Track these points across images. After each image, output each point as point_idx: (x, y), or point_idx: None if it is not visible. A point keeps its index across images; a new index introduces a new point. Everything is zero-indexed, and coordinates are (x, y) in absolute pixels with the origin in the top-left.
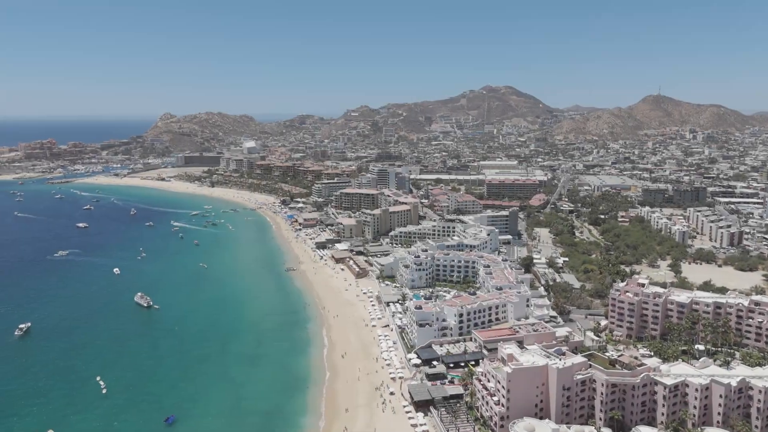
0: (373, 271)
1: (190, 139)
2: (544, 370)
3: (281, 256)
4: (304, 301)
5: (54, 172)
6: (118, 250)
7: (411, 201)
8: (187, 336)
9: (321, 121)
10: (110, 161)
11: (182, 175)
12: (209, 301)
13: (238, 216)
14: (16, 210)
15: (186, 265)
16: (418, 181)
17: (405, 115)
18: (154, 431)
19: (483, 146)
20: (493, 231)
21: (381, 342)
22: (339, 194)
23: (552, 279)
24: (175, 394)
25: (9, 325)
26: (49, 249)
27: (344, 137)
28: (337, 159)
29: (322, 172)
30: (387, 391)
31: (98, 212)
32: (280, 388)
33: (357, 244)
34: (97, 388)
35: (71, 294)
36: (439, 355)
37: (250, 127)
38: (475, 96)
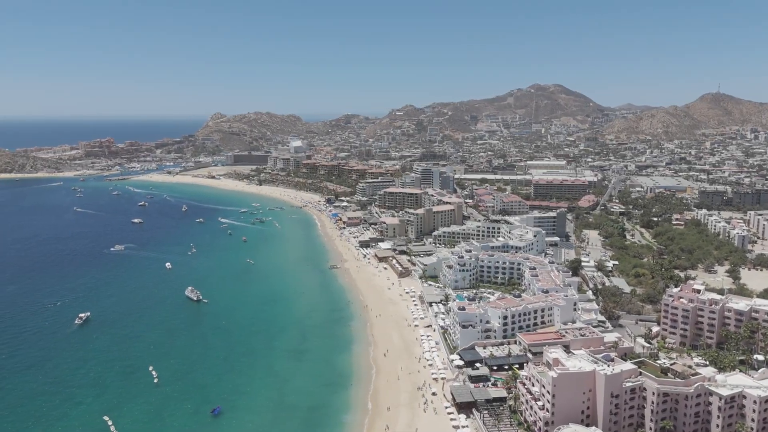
0: (416, 270)
1: (239, 138)
2: (591, 376)
3: (325, 254)
4: (347, 299)
5: (111, 169)
6: (170, 245)
7: (455, 201)
8: (235, 330)
9: (366, 121)
10: (164, 159)
11: (231, 174)
12: (256, 296)
13: (284, 214)
14: (75, 205)
15: (234, 261)
16: (463, 180)
17: (450, 115)
18: (201, 422)
19: (530, 146)
20: (539, 232)
21: (423, 342)
22: (383, 193)
23: (601, 283)
24: (221, 386)
25: (70, 315)
26: (106, 243)
27: (389, 137)
28: (382, 158)
29: (366, 171)
30: (429, 391)
31: (152, 208)
32: (323, 384)
33: (400, 244)
34: (150, 377)
35: (126, 286)
36: (483, 357)
37: (297, 126)
38: (523, 95)
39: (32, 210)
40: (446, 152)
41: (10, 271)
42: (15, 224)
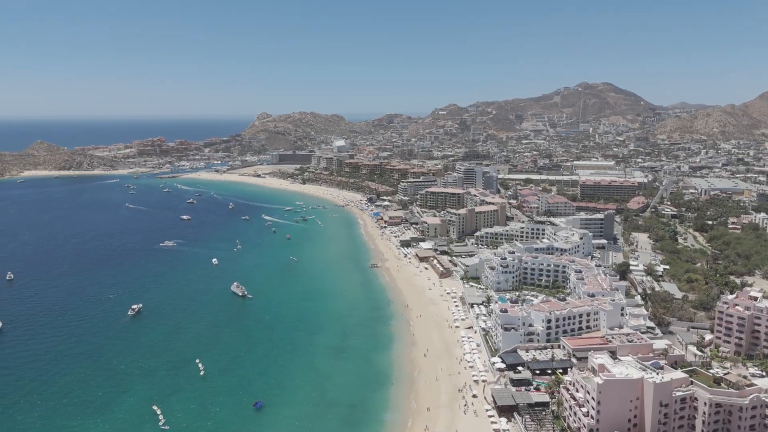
0: (457, 271)
1: (284, 137)
2: (639, 384)
3: (366, 253)
4: (387, 298)
5: (162, 167)
6: (217, 242)
7: (498, 201)
8: (278, 326)
9: (408, 120)
10: (212, 158)
11: (276, 172)
12: (298, 293)
13: (326, 212)
14: (128, 202)
15: (278, 258)
16: (507, 180)
17: (494, 114)
18: (244, 415)
19: (577, 145)
20: (586, 234)
21: (464, 343)
22: (424, 193)
23: (650, 287)
24: (264, 380)
25: (123, 306)
26: (156, 239)
27: (431, 136)
28: (424, 158)
29: (408, 170)
30: (470, 393)
31: (200, 206)
32: (363, 382)
33: (441, 244)
34: (196, 370)
35: (175, 281)
36: (525, 360)
37: (341, 126)
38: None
39: (88, 206)
40: (490, 152)
41: (68, 263)
42: (73, 219)
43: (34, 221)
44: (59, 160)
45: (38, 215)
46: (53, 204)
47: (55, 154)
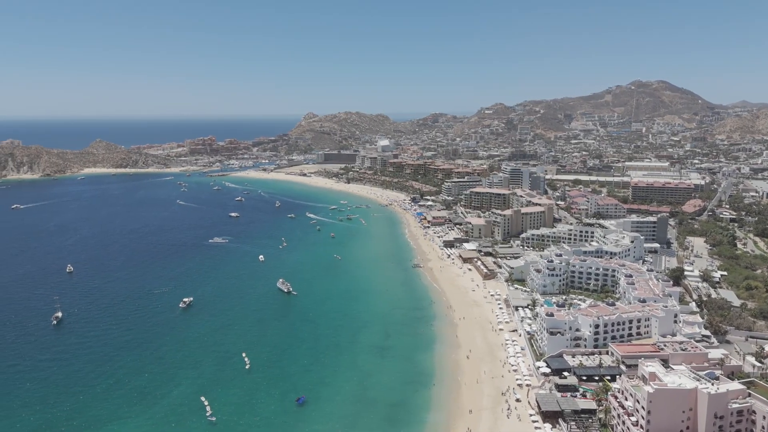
0: (502, 273)
1: (329, 137)
2: (692, 394)
3: (409, 252)
4: (430, 298)
5: (213, 166)
6: (264, 239)
7: (545, 202)
8: (321, 322)
9: (454, 120)
10: (259, 157)
11: (321, 171)
12: (342, 291)
13: (370, 211)
14: (179, 199)
15: (322, 256)
16: (554, 181)
17: (542, 113)
18: (287, 409)
19: (629, 146)
20: (637, 238)
21: (508, 347)
22: (469, 193)
23: (706, 294)
24: (307, 376)
25: (175, 299)
26: (206, 235)
27: (477, 135)
28: (469, 157)
29: (452, 170)
30: (513, 397)
31: (248, 203)
32: (405, 382)
33: (486, 245)
34: (242, 363)
35: (224, 276)
36: (571, 366)
37: (385, 125)
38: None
39: (142, 202)
40: (537, 152)
41: (123, 257)
42: (128, 215)
43: (93, 217)
44: (116, 158)
45: (96, 211)
46: (110, 200)
47: (113, 152)
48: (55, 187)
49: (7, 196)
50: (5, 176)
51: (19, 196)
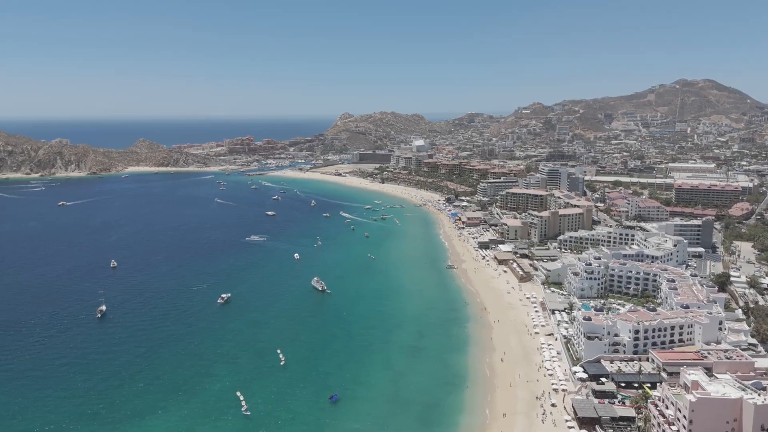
0: (538, 275)
1: (364, 137)
2: (737, 404)
3: (443, 253)
4: (464, 300)
5: (250, 165)
6: (299, 237)
7: (584, 204)
8: (355, 321)
9: (490, 119)
10: (296, 157)
11: (356, 171)
12: (375, 290)
13: (404, 212)
14: (217, 197)
15: (356, 255)
16: (594, 182)
17: (581, 113)
18: (320, 406)
19: (673, 146)
20: (680, 242)
21: (544, 350)
22: (505, 194)
23: (753, 301)
24: (340, 374)
25: (213, 296)
26: (244, 233)
27: (513, 135)
28: (505, 158)
29: (488, 170)
30: (548, 402)
31: (284, 202)
32: (438, 383)
33: (522, 247)
34: (277, 359)
35: (260, 273)
36: (609, 372)
37: (420, 125)
38: (666, 91)
39: (182, 200)
40: (576, 152)
41: (164, 254)
42: (169, 213)
43: (136, 214)
44: (158, 157)
45: (139, 208)
46: (152, 198)
47: (155, 151)
48: (100, 185)
49: (55, 194)
50: (54, 174)
51: (66, 193)
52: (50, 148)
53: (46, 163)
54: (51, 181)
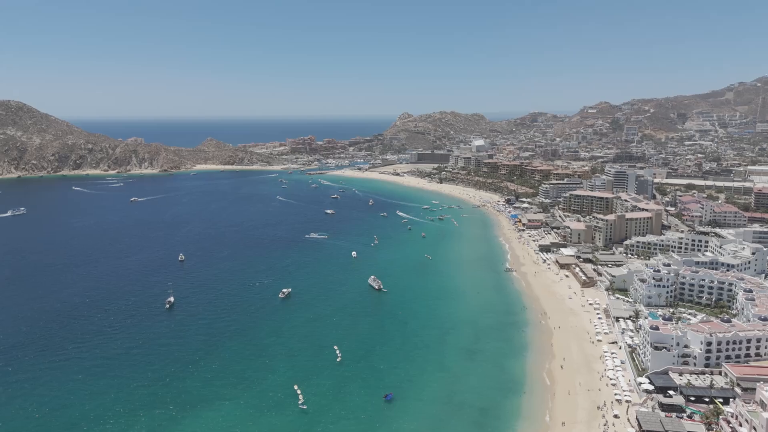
0: (602, 281)
1: (423, 137)
2: None
3: (502, 256)
4: (522, 304)
5: (311, 164)
6: (356, 236)
7: (653, 208)
8: (411, 321)
9: (554, 119)
10: (355, 156)
11: (414, 171)
12: (431, 290)
13: (462, 212)
14: (279, 195)
15: (412, 255)
16: (664, 185)
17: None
18: (374, 404)
19: (753, 148)
20: (760, 250)
21: (606, 359)
22: (568, 196)
23: None
24: (395, 374)
25: (274, 291)
26: (303, 230)
27: (578, 136)
28: (569, 158)
29: (550, 171)
30: (611, 412)
31: (343, 201)
32: (495, 387)
33: (585, 251)
34: (334, 355)
35: (318, 270)
36: (678, 384)
37: (480, 125)
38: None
39: (246, 198)
40: (645, 153)
41: (228, 249)
42: (233, 210)
43: (202, 210)
44: (225, 155)
45: (206, 205)
46: (218, 195)
47: (222, 150)
48: (170, 182)
49: (128, 190)
50: (129, 171)
51: (138, 190)
52: (126, 147)
53: (122, 161)
54: (126, 178)
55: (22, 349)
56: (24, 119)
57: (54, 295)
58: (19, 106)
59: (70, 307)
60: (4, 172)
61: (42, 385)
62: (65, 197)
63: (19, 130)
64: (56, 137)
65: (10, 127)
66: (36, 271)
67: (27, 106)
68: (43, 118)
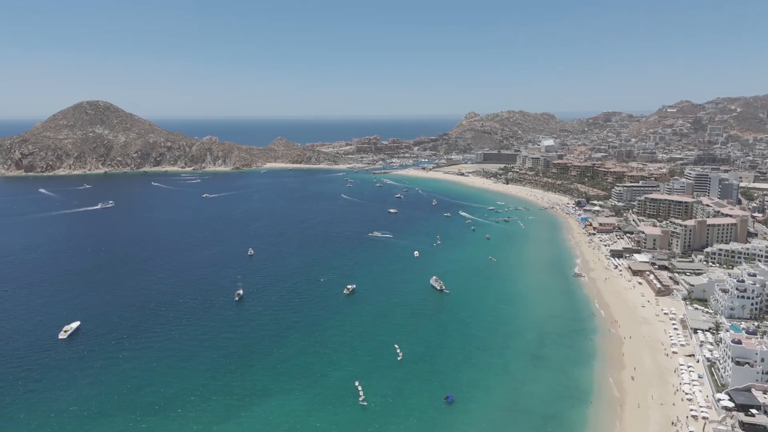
0: (679, 290)
1: (490, 136)
2: None
3: (570, 260)
4: (591, 311)
5: (376, 163)
6: (419, 235)
7: (738, 213)
8: (473, 323)
9: (629, 119)
10: (419, 156)
11: (479, 171)
12: (495, 293)
13: (529, 214)
14: (343, 193)
15: (476, 257)
16: (751, 190)
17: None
18: (436, 406)
19: None
20: None
21: (682, 372)
22: (643, 199)
23: None
24: (456, 376)
25: (339, 287)
26: (367, 229)
27: (656, 136)
28: (645, 160)
29: (625, 173)
30: (686, 429)
31: (406, 201)
32: (560, 396)
33: (661, 258)
34: (394, 354)
35: (381, 269)
36: (761, 403)
37: (550, 125)
38: None
39: (312, 196)
40: (730, 156)
41: (295, 245)
42: (300, 207)
43: (271, 207)
44: (293, 154)
45: (274, 202)
46: (286, 193)
47: (291, 149)
48: (241, 179)
49: (201, 186)
50: (204, 168)
51: (211, 187)
52: (202, 145)
53: (197, 158)
54: (202, 175)
55: (106, 335)
56: (111, 119)
57: (136, 284)
58: (107, 106)
59: (149, 297)
60: (92, 168)
61: (122, 370)
62: (145, 192)
63: (106, 128)
64: (139, 135)
65: (98, 125)
66: (122, 261)
67: (114, 106)
68: (128, 118)
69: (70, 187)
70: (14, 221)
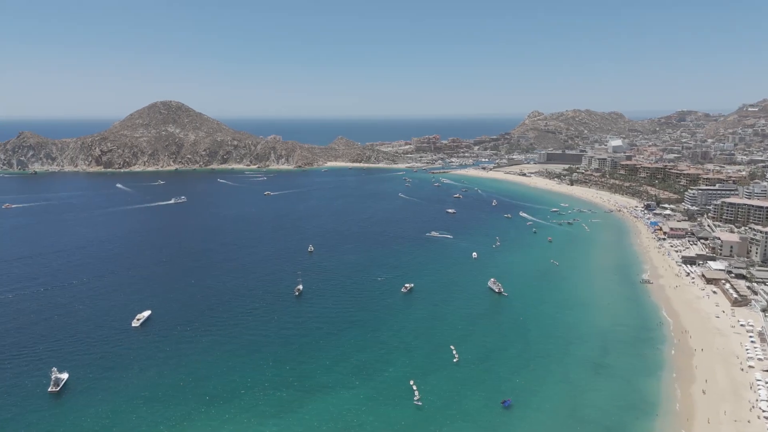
0: (758, 300)
1: (554, 136)
2: None
3: (638, 266)
4: (658, 319)
5: (435, 163)
6: (478, 236)
7: None
8: (532, 328)
9: (706, 118)
10: (480, 156)
11: (542, 172)
12: (556, 298)
13: (594, 217)
14: (401, 192)
15: (537, 260)
16: None
17: None
18: (492, 409)
19: None
20: None
21: (760, 388)
22: (720, 204)
23: None
24: (513, 380)
25: (396, 286)
26: (425, 228)
27: (735, 137)
28: (722, 162)
29: (699, 176)
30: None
31: (465, 201)
32: (623, 406)
33: (738, 266)
34: (450, 355)
35: (438, 269)
36: None
37: (618, 124)
38: None
39: (371, 194)
40: None
41: (353, 243)
42: (359, 206)
43: (331, 205)
44: (353, 153)
45: (334, 200)
46: (345, 192)
47: (351, 148)
48: (303, 177)
49: (265, 184)
50: (268, 166)
51: (274, 184)
52: (266, 144)
53: (262, 157)
54: (266, 173)
55: (175, 324)
56: (182, 118)
57: (203, 277)
58: (179, 105)
59: (215, 289)
60: (164, 165)
61: (189, 359)
62: (212, 189)
63: (177, 127)
64: (208, 134)
65: (170, 124)
66: (191, 254)
67: (185, 106)
68: (198, 117)
69: (145, 183)
70: (94, 214)
